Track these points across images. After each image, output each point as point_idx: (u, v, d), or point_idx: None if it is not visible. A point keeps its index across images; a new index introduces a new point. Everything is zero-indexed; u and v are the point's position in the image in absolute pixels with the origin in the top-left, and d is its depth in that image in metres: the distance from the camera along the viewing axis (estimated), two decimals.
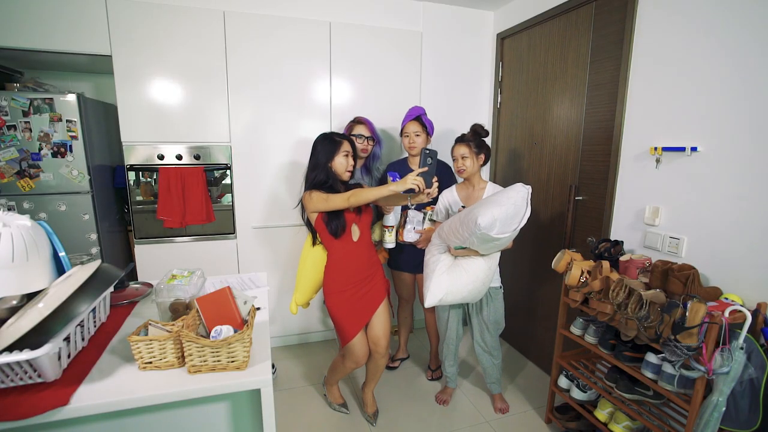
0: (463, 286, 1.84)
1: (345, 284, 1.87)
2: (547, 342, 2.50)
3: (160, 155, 2.34)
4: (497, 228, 1.67)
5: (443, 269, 1.88)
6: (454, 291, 1.85)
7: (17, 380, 0.92)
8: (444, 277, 1.86)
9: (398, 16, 2.67)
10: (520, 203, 1.72)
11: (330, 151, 1.83)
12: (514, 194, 1.72)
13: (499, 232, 1.69)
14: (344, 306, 1.88)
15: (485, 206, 1.70)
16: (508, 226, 1.70)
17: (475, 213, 1.68)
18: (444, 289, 1.85)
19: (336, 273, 1.88)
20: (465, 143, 1.97)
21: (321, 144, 1.86)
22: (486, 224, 1.65)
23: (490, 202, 1.72)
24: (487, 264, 1.86)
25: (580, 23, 2.15)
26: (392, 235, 2.15)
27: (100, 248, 2.47)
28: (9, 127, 2.19)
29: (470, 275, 1.84)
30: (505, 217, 1.68)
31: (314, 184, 1.83)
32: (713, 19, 1.54)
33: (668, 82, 1.71)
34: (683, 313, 1.33)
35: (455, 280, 1.85)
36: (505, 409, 2.18)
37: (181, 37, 2.27)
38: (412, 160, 2.29)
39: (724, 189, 1.53)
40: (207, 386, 0.99)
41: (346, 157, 1.84)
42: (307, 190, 1.84)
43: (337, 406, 2.16)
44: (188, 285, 1.33)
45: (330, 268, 1.90)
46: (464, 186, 2.07)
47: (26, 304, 1.04)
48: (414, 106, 2.26)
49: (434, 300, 1.85)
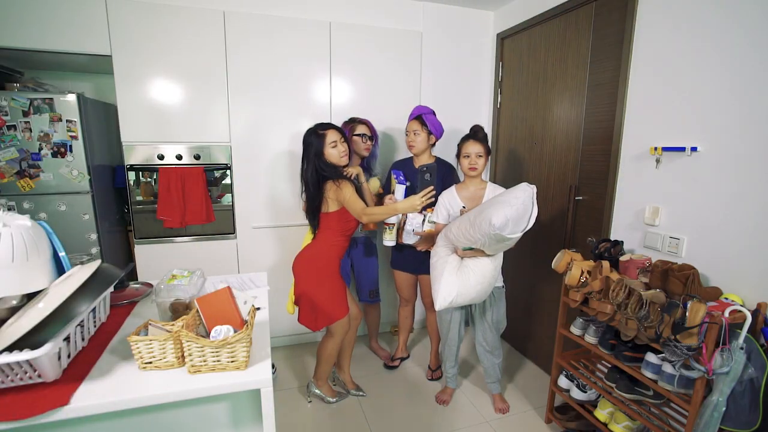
0: (472, 287, 1.83)
1: (339, 268, 2.02)
2: (547, 342, 2.50)
3: (160, 155, 2.34)
4: (510, 228, 1.67)
5: (452, 271, 1.86)
6: (464, 292, 1.83)
7: (17, 380, 0.92)
8: (453, 278, 1.84)
9: (398, 16, 2.67)
10: (528, 203, 1.72)
11: (318, 146, 1.90)
12: (521, 194, 1.71)
13: (511, 231, 1.69)
14: (340, 286, 2.02)
15: (496, 206, 1.68)
16: (519, 226, 1.70)
17: (488, 214, 1.66)
18: (455, 291, 1.82)
19: (335, 258, 2.00)
20: (480, 141, 1.94)
21: (308, 140, 1.93)
22: (500, 224, 1.65)
23: (499, 203, 1.71)
24: (493, 264, 1.85)
25: (580, 23, 2.15)
26: (393, 233, 2.14)
27: (100, 248, 2.47)
28: (9, 127, 2.19)
29: (478, 276, 1.83)
30: (516, 217, 1.68)
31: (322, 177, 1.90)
32: (713, 20, 1.54)
33: (668, 82, 1.71)
34: (683, 313, 1.33)
35: (465, 281, 1.83)
36: (505, 410, 2.18)
37: (181, 37, 2.27)
38: (416, 160, 2.29)
39: (724, 189, 1.53)
40: (207, 386, 0.98)
41: (335, 147, 1.90)
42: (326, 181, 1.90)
43: (336, 398, 2.22)
44: (188, 285, 1.33)
45: (329, 254, 1.98)
46: (464, 186, 2.06)
47: (26, 304, 1.04)
48: (418, 105, 2.25)
49: (445, 302, 1.83)
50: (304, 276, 1.98)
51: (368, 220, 1.83)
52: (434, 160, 2.29)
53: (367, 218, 1.81)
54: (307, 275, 1.97)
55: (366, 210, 1.81)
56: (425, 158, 2.27)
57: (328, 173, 1.89)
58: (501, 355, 2.17)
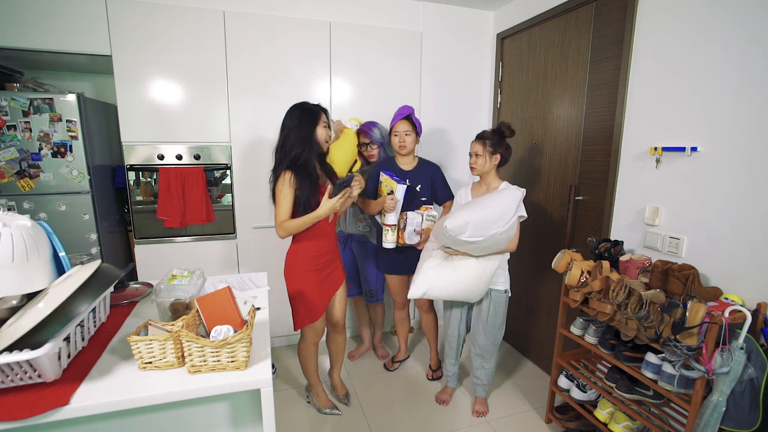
0: (449, 284, 1.85)
1: (316, 264, 1.87)
2: (547, 342, 2.50)
3: (160, 155, 2.34)
4: (469, 231, 1.70)
5: (432, 264, 1.90)
6: (438, 287, 1.86)
7: (17, 380, 0.92)
8: (431, 272, 1.88)
9: (398, 16, 2.67)
10: (507, 208, 1.73)
11: (312, 121, 1.77)
12: (504, 197, 1.75)
13: (472, 235, 1.71)
14: (315, 285, 1.88)
15: (465, 208, 1.74)
16: (485, 230, 1.71)
17: (450, 215, 1.73)
18: (428, 283, 1.87)
19: (310, 252, 1.86)
20: (480, 140, 1.94)
21: (300, 114, 1.78)
22: (453, 227, 1.70)
23: (476, 204, 1.76)
24: (480, 266, 1.85)
25: (580, 23, 2.15)
26: (394, 234, 2.13)
27: (100, 248, 2.47)
28: (9, 127, 2.19)
29: (459, 274, 1.84)
30: (481, 221, 1.70)
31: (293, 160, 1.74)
32: (713, 20, 1.54)
33: (668, 82, 1.71)
34: (683, 313, 1.33)
35: (441, 276, 1.86)
36: (483, 413, 2.15)
37: (181, 37, 2.27)
38: (401, 159, 2.25)
39: (724, 189, 1.53)
40: (207, 386, 0.98)
41: (325, 128, 1.83)
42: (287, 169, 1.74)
43: (329, 409, 2.14)
44: (188, 285, 1.33)
45: (303, 247, 1.86)
46: (478, 185, 2.03)
47: (26, 304, 1.04)
48: (403, 105, 2.22)
49: (417, 293, 1.88)
50: (284, 275, 1.93)
51: (284, 234, 1.74)
52: (417, 161, 2.28)
53: (283, 232, 1.73)
54: (286, 275, 1.92)
55: (284, 224, 1.73)
56: (410, 159, 2.25)
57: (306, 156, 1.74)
58: (493, 362, 2.12)
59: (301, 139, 1.75)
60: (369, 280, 2.51)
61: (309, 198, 1.74)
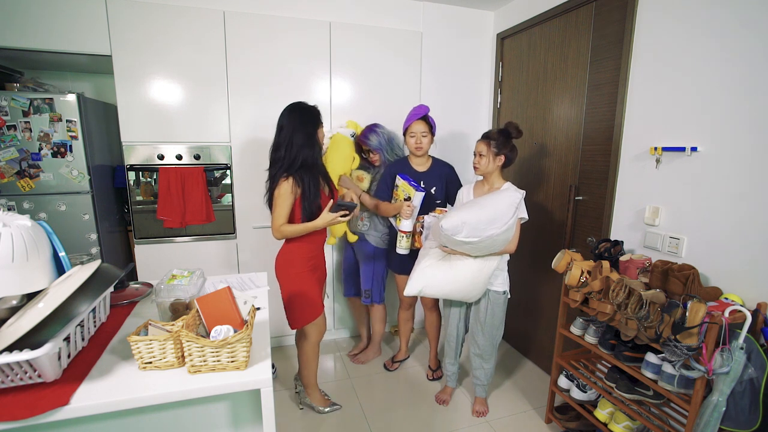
0: (445, 283, 1.86)
1: (310, 264, 1.92)
2: (547, 342, 2.50)
3: (160, 155, 2.34)
4: (465, 232, 1.70)
5: (429, 262, 1.90)
6: (434, 285, 1.87)
7: (17, 380, 0.92)
8: (428, 270, 1.88)
9: (398, 16, 2.67)
10: (505, 209, 1.73)
11: (314, 122, 1.79)
12: (503, 198, 1.75)
13: (469, 236, 1.71)
14: (315, 284, 1.94)
15: (463, 208, 1.74)
16: (482, 231, 1.71)
17: (448, 215, 1.74)
18: (424, 281, 1.88)
19: (304, 253, 1.89)
20: (484, 140, 1.92)
21: (302, 114, 1.78)
22: (450, 227, 1.71)
23: (474, 204, 1.76)
24: (477, 266, 1.85)
25: (580, 23, 2.15)
26: (408, 241, 2.09)
27: (100, 248, 2.47)
28: (9, 127, 2.19)
29: (455, 273, 1.85)
30: (477, 222, 1.70)
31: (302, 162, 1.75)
32: (713, 19, 1.54)
33: (668, 81, 1.71)
34: (683, 313, 1.33)
35: (437, 274, 1.86)
36: (483, 413, 2.15)
37: (181, 37, 2.27)
38: (415, 160, 2.23)
39: (724, 189, 1.53)
40: (207, 386, 0.98)
41: (322, 129, 1.86)
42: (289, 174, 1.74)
43: (329, 408, 2.14)
44: (188, 285, 1.33)
45: (297, 248, 1.88)
46: (481, 184, 2.02)
47: (26, 304, 1.04)
48: (419, 105, 2.19)
49: (413, 290, 1.89)
50: (278, 276, 1.94)
51: (280, 237, 1.78)
52: (431, 161, 2.27)
53: (279, 235, 1.77)
54: (280, 276, 1.93)
55: (281, 228, 1.75)
56: (424, 159, 2.24)
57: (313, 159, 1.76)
58: (492, 362, 2.11)
59: (308, 139, 1.77)
60: (365, 280, 2.49)
61: (313, 202, 1.77)
